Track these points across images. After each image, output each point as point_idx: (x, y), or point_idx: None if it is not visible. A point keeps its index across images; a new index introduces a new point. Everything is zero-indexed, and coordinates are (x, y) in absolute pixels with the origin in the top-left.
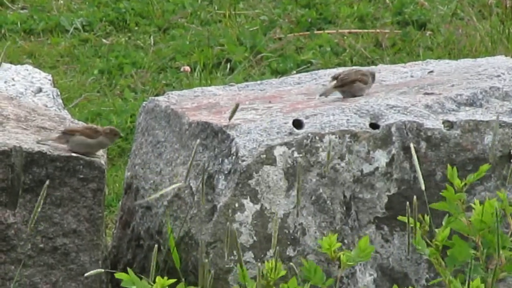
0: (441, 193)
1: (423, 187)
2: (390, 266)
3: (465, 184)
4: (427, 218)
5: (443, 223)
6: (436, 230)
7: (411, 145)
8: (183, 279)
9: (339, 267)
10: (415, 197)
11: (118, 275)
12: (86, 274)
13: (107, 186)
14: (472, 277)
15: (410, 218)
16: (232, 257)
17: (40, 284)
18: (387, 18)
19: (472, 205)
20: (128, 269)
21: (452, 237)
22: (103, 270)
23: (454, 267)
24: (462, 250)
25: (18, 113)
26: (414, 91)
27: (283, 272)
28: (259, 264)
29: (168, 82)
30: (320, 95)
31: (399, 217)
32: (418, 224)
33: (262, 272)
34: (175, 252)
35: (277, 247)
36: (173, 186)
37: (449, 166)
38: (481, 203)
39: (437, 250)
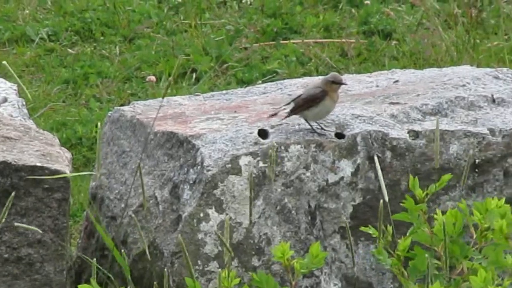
0: (401, 204)
1: (386, 199)
2: (355, 276)
3: (427, 194)
4: (389, 228)
5: (408, 234)
6: (399, 240)
7: (375, 157)
8: None
9: (297, 275)
10: (381, 203)
11: (81, 286)
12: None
13: (72, 196)
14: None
15: (373, 228)
16: (197, 267)
17: None
18: (352, 28)
19: (435, 215)
20: (91, 279)
21: (414, 247)
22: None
23: (417, 277)
24: (424, 260)
25: None
26: (380, 101)
27: (236, 281)
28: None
29: (133, 91)
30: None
31: (362, 228)
32: (380, 234)
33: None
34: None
35: (229, 255)
36: (91, 173)
37: (410, 176)
38: (444, 213)
39: (399, 260)
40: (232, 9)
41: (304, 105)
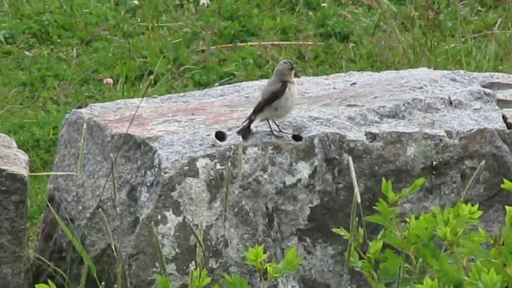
0: (374, 207)
1: (359, 200)
2: (312, 278)
3: (399, 198)
4: (361, 230)
5: (379, 237)
6: (370, 243)
7: (350, 159)
8: None
9: (261, 279)
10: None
11: (39, 286)
12: None
13: (29, 198)
14: None
15: (344, 230)
16: (154, 269)
17: None
18: (309, 30)
19: (407, 219)
20: (49, 280)
21: (385, 251)
22: None
23: (387, 280)
24: (395, 263)
25: None
26: (337, 103)
27: (207, 280)
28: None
29: (90, 94)
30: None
31: (334, 229)
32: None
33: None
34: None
35: (202, 255)
36: (63, 173)
37: (383, 180)
38: (405, 215)
39: (370, 263)
40: (189, 12)
41: (268, 103)
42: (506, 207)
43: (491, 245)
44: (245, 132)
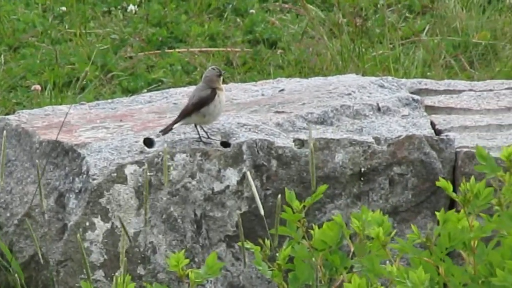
0: (280, 216)
1: (262, 212)
2: (240, 284)
3: (304, 207)
4: (267, 242)
5: (285, 245)
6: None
7: (248, 173)
8: None
9: (189, 285)
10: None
11: None
12: None
13: None
14: None
15: (251, 243)
16: (83, 275)
17: None
18: (238, 37)
19: (311, 231)
20: None
21: (294, 259)
22: None
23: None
24: (304, 270)
25: None
26: (265, 110)
27: (132, 286)
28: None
29: (18, 101)
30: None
31: (238, 243)
32: (258, 248)
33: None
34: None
35: (125, 261)
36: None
37: (286, 190)
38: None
39: (280, 270)
40: (117, 18)
41: (196, 108)
42: (437, 213)
43: (423, 244)
44: (167, 131)
